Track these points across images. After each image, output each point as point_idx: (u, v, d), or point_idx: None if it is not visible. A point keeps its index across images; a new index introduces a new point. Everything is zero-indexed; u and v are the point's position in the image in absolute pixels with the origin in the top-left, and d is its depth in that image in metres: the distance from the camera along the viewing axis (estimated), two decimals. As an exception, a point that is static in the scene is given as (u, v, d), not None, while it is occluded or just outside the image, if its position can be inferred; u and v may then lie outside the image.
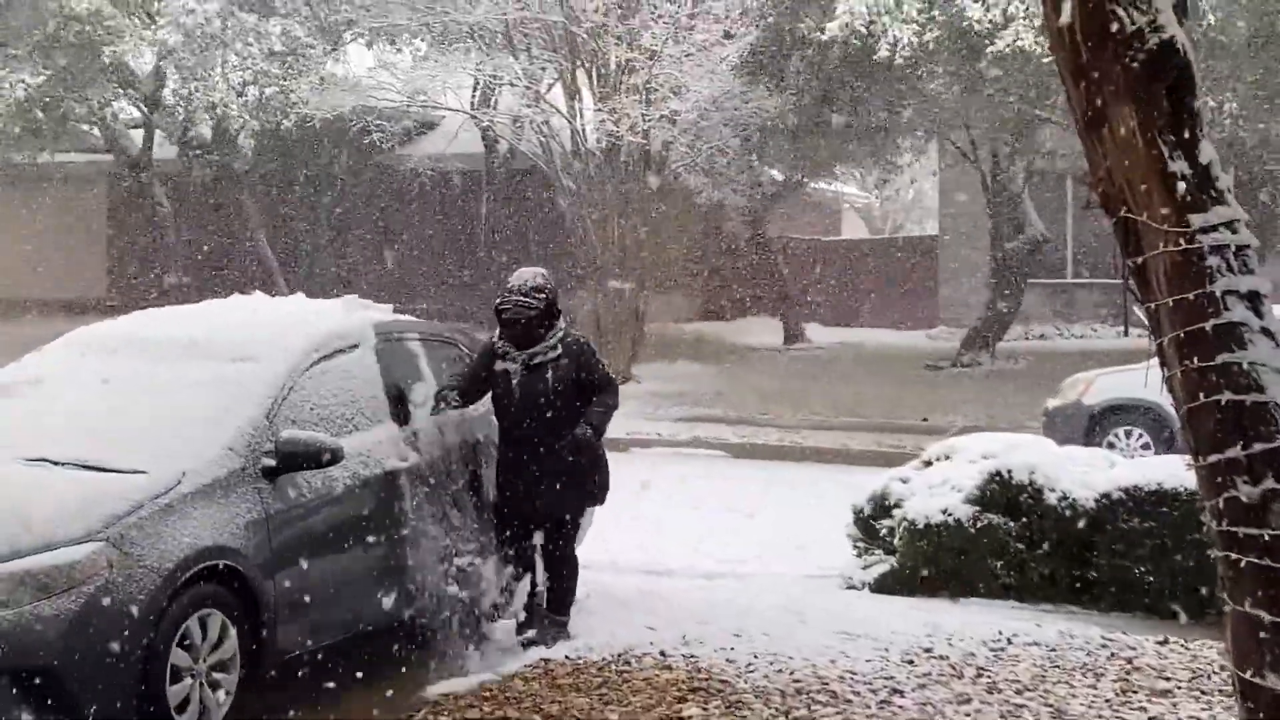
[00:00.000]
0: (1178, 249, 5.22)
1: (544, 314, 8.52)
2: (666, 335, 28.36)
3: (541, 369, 8.51)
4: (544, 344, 8.52)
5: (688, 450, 19.14)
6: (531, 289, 8.51)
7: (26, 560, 6.46)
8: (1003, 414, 20.56)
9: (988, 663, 8.26)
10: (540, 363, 8.51)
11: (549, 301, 8.55)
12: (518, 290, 8.51)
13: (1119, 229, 5.36)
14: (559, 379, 8.50)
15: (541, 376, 8.50)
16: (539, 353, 8.51)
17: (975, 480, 10.20)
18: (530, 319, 8.47)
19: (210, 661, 6.98)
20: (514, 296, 8.49)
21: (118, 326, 8.69)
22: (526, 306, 8.47)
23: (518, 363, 8.53)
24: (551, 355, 8.53)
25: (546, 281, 8.62)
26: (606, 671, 8.00)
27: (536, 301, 8.48)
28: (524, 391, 8.50)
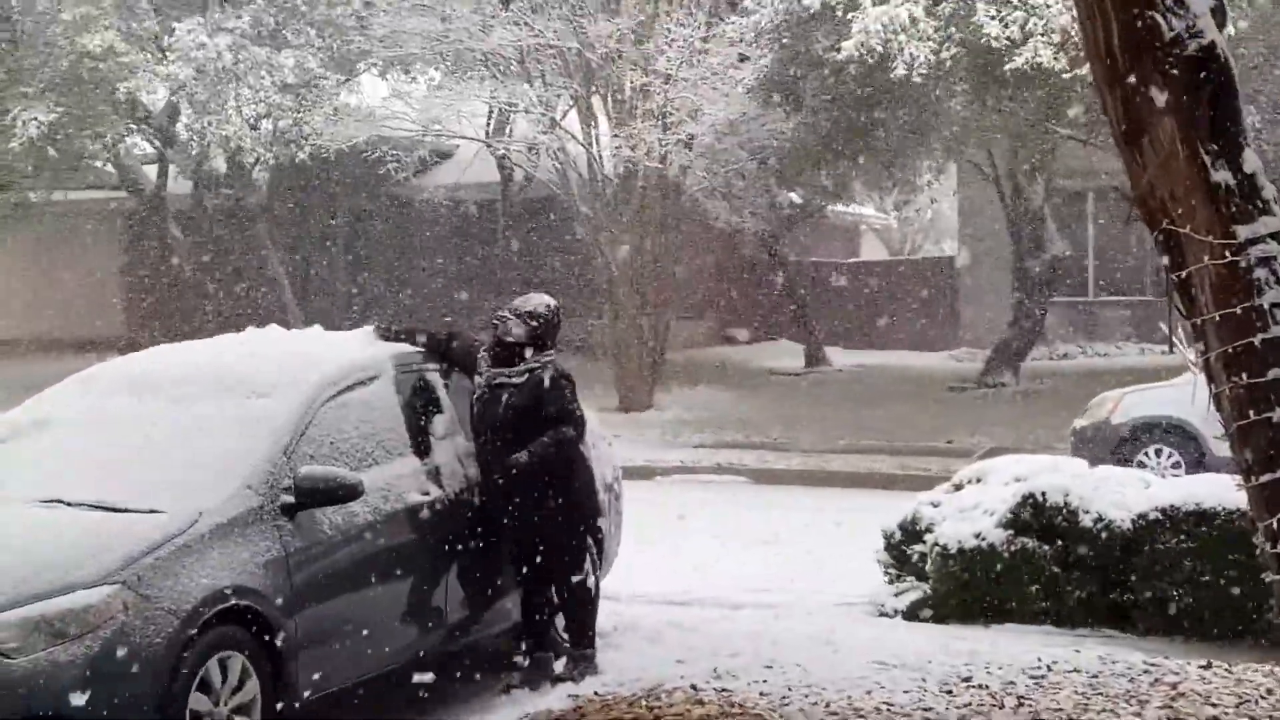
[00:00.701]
0: (1223, 261, 5.06)
1: (528, 341, 8.39)
2: (687, 361, 28.17)
3: (500, 391, 8.35)
4: (514, 369, 8.38)
5: (710, 477, 18.95)
6: (526, 313, 8.44)
7: (40, 605, 6.31)
8: (1029, 435, 20.34)
9: (1029, 691, 8.04)
10: (501, 384, 8.36)
11: (538, 331, 8.42)
12: (512, 310, 8.48)
13: (1161, 242, 5.19)
14: (512, 405, 8.30)
15: (498, 399, 8.33)
16: (502, 374, 8.38)
17: (1008, 503, 10.01)
18: (511, 341, 8.39)
19: (231, 705, 6.82)
20: (505, 313, 8.47)
21: (130, 364, 8.55)
22: (510, 327, 8.40)
23: (482, 379, 8.43)
24: (515, 380, 8.36)
25: (549, 312, 8.51)
26: (637, 707, 7.80)
27: (525, 326, 8.40)
28: (482, 411, 8.38)
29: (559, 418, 8.34)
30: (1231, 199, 5.03)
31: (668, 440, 22.21)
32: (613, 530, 9.90)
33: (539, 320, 8.43)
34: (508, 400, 8.29)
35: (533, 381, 8.33)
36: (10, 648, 6.19)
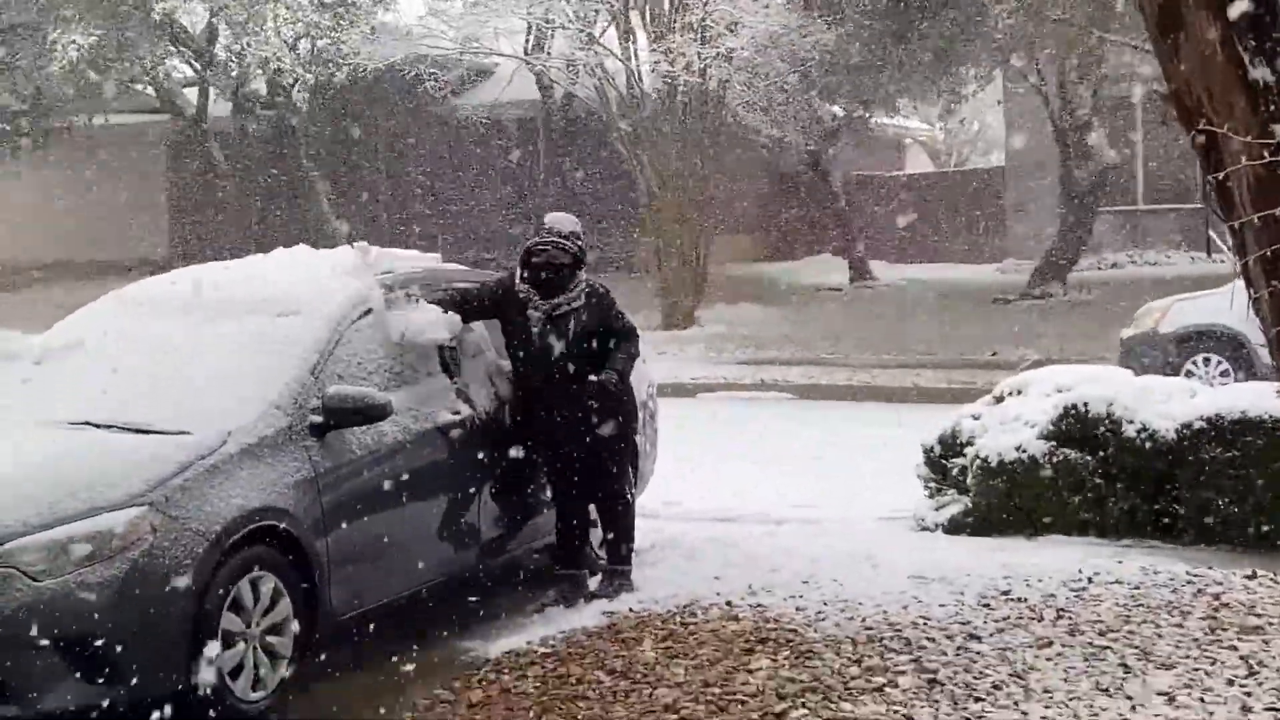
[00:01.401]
0: (1262, 162, 4.91)
1: (576, 261, 8.37)
2: (729, 277, 28.01)
3: (564, 319, 8.30)
4: (568, 294, 8.32)
5: (753, 394, 18.87)
6: (570, 233, 8.40)
7: (68, 527, 6.27)
8: (1076, 346, 20.14)
9: (1068, 604, 7.95)
10: (564, 312, 8.31)
11: (582, 248, 8.44)
12: (556, 232, 8.37)
13: (1198, 144, 5.03)
14: (582, 329, 8.31)
15: (564, 326, 8.29)
16: (563, 303, 8.31)
17: (1050, 414, 9.86)
18: (563, 264, 8.31)
19: (264, 626, 6.78)
20: (552, 239, 8.34)
21: (160, 285, 8.48)
22: (563, 250, 8.32)
23: (539, 312, 8.30)
24: (576, 305, 8.33)
25: (579, 229, 8.52)
26: (672, 624, 7.77)
27: (573, 246, 8.36)
28: (545, 341, 8.29)
29: (622, 332, 8.45)
30: (1270, 97, 4.86)
31: (711, 357, 22.13)
32: (648, 448, 9.84)
33: (580, 239, 8.44)
34: (576, 324, 8.27)
35: (592, 301, 8.35)
36: (39, 570, 6.17)
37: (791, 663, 7.04)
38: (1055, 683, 6.66)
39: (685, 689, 6.70)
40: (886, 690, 6.61)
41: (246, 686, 6.64)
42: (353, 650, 7.41)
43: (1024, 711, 6.29)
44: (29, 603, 6.10)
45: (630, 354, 8.44)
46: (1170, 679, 6.68)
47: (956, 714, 6.28)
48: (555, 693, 6.77)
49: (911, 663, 6.99)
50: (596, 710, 6.50)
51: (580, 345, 8.27)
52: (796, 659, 7.09)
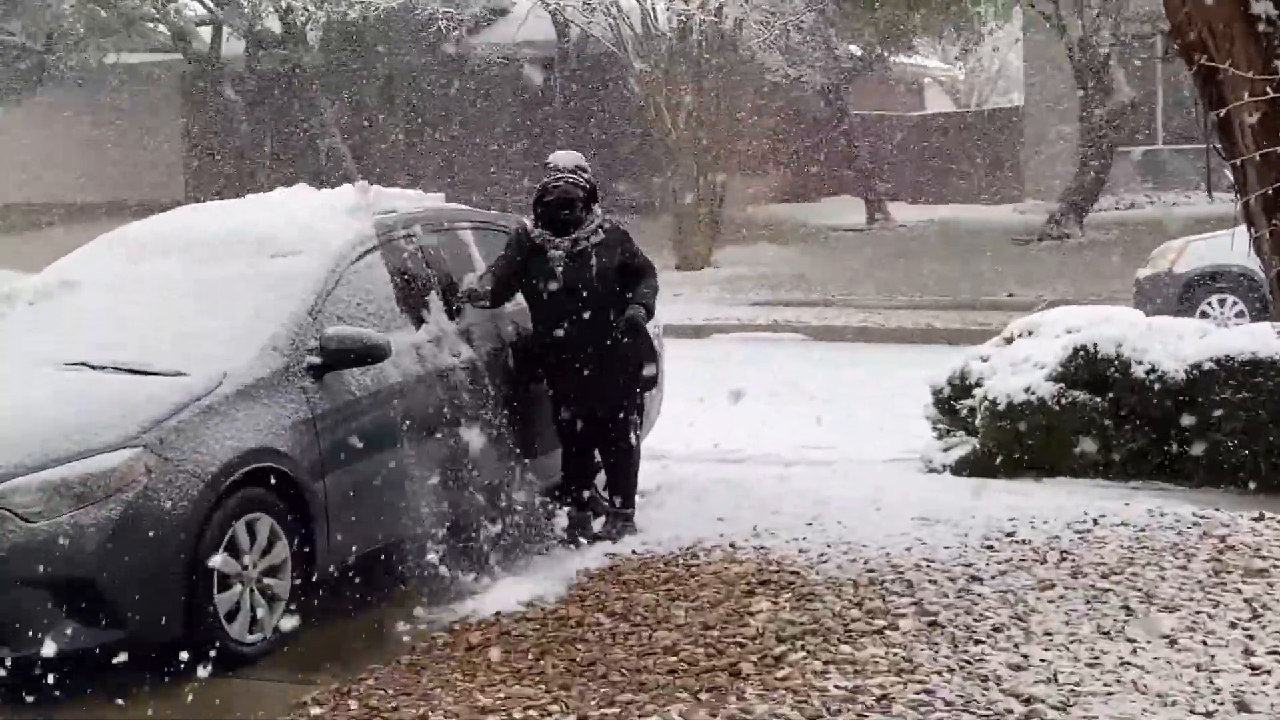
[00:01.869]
0: (1264, 99, 4.80)
1: (589, 195, 8.24)
2: (745, 218, 27.88)
3: (586, 255, 8.16)
4: (587, 228, 8.20)
5: (767, 334, 18.81)
6: (577, 167, 8.25)
7: (63, 468, 6.24)
8: (1093, 286, 20.02)
9: (1072, 546, 7.90)
10: (584, 249, 8.17)
11: (592, 183, 8.29)
12: (565, 169, 8.22)
13: (1199, 79, 4.94)
14: (604, 264, 8.18)
15: (586, 263, 8.15)
16: (583, 237, 8.18)
17: (1059, 356, 9.79)
18: (577, 199, 8.16)
19: (261, 568, 6.75)
20: (564, 174, 8.19)
21: (157, 225, 8.41)
22: (575, 185, 8.18)
23: (560, 250, 8.16)
24: (596, 240, 8.20)
25: (586, 163, 8.37)
26: (674, 566, 7.74)
27: (584, 180, 8.22)
28: (569, 280, 8.13)
29: (641, 267, 8.35)
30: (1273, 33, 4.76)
31: (725, 298, 22.06)
32: (654, 390, 9.76)
33: (588, 171, 8.32)
34: (598, 261, 8.16)
35: (610, 236, 8.26)
36: (33, 511, 6.14)
37: (792, 605, 7.00)
38: (1056, 625, 6.61)
39: (685, 631, 6.67)
40: (887, 633, 6.57)
41: (243, 629, 6.62)
42: (351, 593, 7.38)
43: (1024, 654, 6.25)
44: (22, 544, 6.08)
45: (654, 288, 8.35)
46: (1173, 621, 6.63)
47: (956, 656, 6.24)
48: (555, 635, 6.74)
49: (913, 605, 6.95)
50: (596, 652, 6.47)
51: (604, 281, 8.17)
52: (797, 601, 7.05)
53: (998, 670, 6.05)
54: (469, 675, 6.24)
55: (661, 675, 6.12)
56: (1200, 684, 5.84)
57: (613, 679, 6.11)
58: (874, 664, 6.16)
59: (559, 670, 6.25)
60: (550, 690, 5.99)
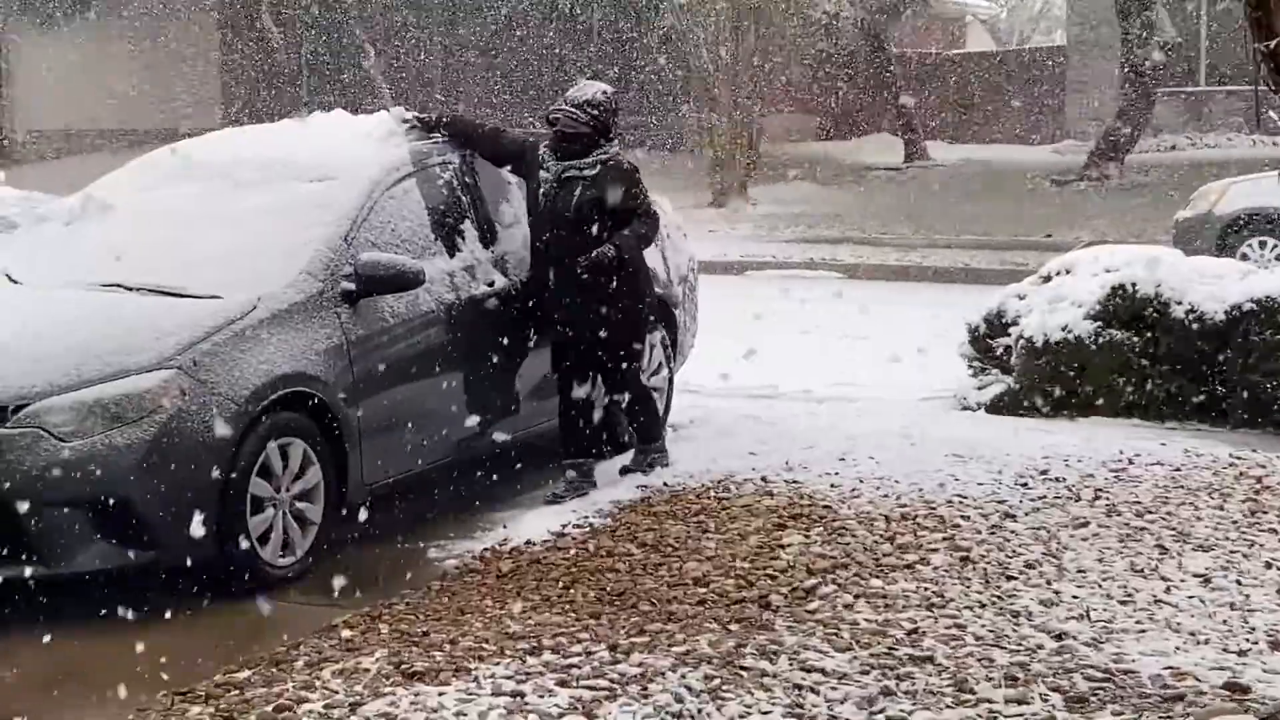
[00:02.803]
0: (1315, 31, 4.71)
1: (593, 132, 7.89)
2: (782, 155, 27.73)
3: (571, 184, 7.85)
4: (581, 160, 7.87)
5: (803, 272, 18.71)
6: (584, 102, 7.90)
7: (97, 389, 6.26)
8: (1132, 228, 19.87)
9: (1107, 484, 7.85)
10: (571, 178, 7.86)
11: (600, 120, 7.91)
12: (570, 101, 7.93)
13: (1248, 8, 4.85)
14: (588, 197, 7.81)
15: (569, 192, 7.84)
16: (572, 167, 7.87)
17: (1097, 295, 9.71)
18: (578, 134, 7.87)
19: (293, 492, 6.77)
20: (565, 107, 7.89)
21: (193, 149, 8.38)
22: (574, 120, 7.86)
23: (550, 174, 7.91)
24: (587, 172, 7.86)
25: (607, 99, 7.98)
26: (705, 498, 7.71)
27: (586, 117, 7.87)
28: (550, 206, 7.88)
29: (635, 210, 7.94)
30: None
31: (760, 235, 21.95)
32: (687, 323, 9.76)
33: (598, 108, 7.91)
34: (581, 193, 7.83)
35: (606, 172, 7.88)
36: (66, 431, 6.17)
37: (823, 539, 6.98)
38: (1089, 563, 6.57)
39: (715, 563, 6.65)
40: (918, 567, 6.54)
41: (275, 551, 6.65)
42: (382, 519, 7.39)
43: (1056, 590, 6.21)
44: (56, 463, 6.11)
45: (638, 233, 7.92)
46: (1207, 560, 6.59)
47: (988, 592, 6.21)
48: (585, 564, 6.73)
49: (945, 540, 6.91)
50: (625, 582, 6.46)
51: (582, 213, 7.81)
52: (829, 535, 7.03)
53: (1029, 606, 6.02)
54: (499, 602, 6.24)
55: (691, 606, 6.10)
56: (1234, 623, 5.80)
57: (642, 609, 6.10)
58: (905, 598, 6.14)
59: (589, 599, 6.24)
60: (580, 619, 5.99)
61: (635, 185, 7.96)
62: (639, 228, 7.94)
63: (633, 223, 7.91)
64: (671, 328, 9.45)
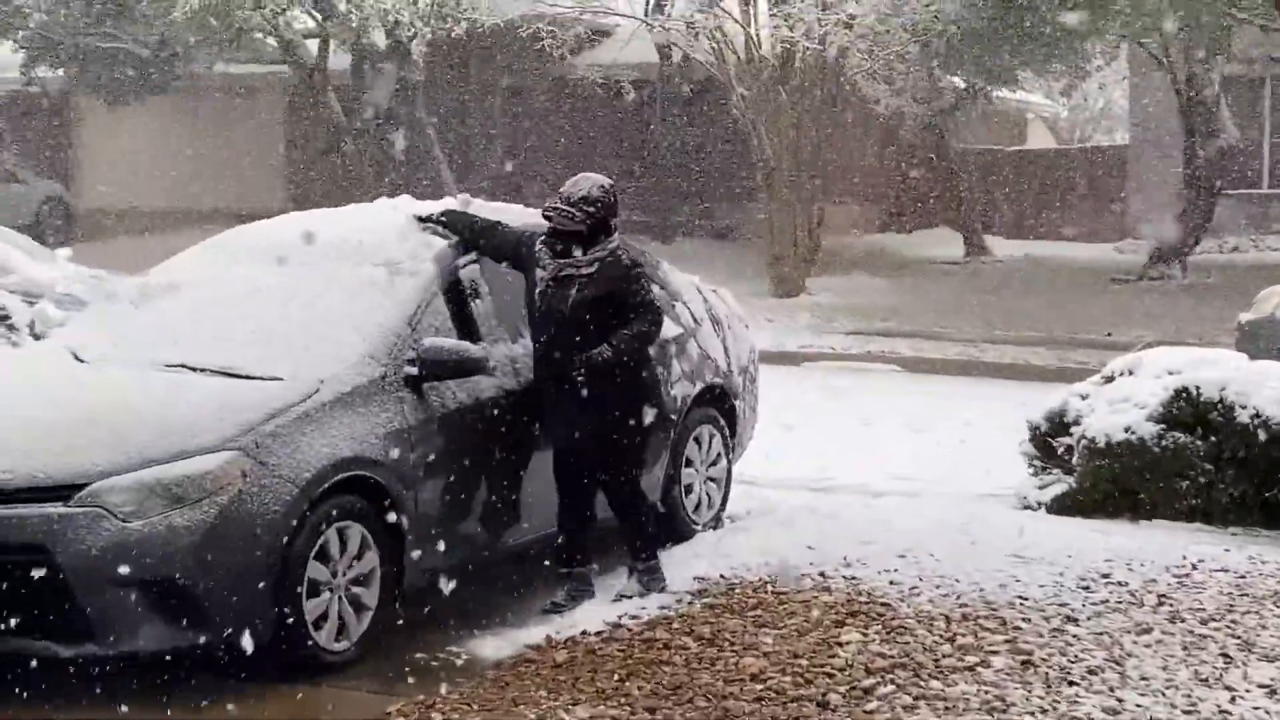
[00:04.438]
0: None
1: (591, 230, 7.41)
2: (842, 247, 27.76)
3: (568, 283, 7.42)
4: (579, 258, 7.42)
5: (861, 365, 18.66)
6: (580, 199, 7.39)
7: (159, 469, 6.29)
8: (1193, 329, 19.74)
9: (1170, 590, 7.75)
10: (568, 276, 7.42)
11: (597, 217, 7.41)
12: (565, 199, 7.42)
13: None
14: (585, 296, 7.38)
15: (566, 291, 7.41)
16: (569, 265, 7.42)
17: (1160, 396, 9.62)
18: (570, 232, 7.40)
19: (349, 576, 6.76)
20: (560, 205, 7.41)
21: (259, 231, 8.46)
22: (569, 218, 7.39)
23: (546, 271, 7.47)
24: (584, 270, 7.42)
25: (604, 194, 7.47)
26: (762, 592, 7.66)
27: (582, 215, 7.37)
28: (547, 306, 7.46)
29: (636, 308, 7.50)
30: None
31: (819, 326, 21.93)
32: (747, 414, 9.74)
33: (595, 204, 7.42)
34: (578, 292, 7.39)
35: (605, 270, 7.44)
36: (128, 511, 6.19)
37: (882, 638, 6.91)
38: (1153, 670, 6.48)
39: (773, 659, 6.59)
40: (979, 670, 6.46)
41: (330, 636, 6.64)
42: (439, 605, 7.36)
43: (1119, 698, 6.12)
44: (117, 543, 6.13)
45: (638, 332, 7.46)
46: (1273, 671, 6.48)
47: (1049, 697, 6.13)
48: (641, 656, 6.69)
49: (1006, 643, 6.83)
50: (682, 676, 6.41)
51: (579, 313, 7.37)
52: (888, 634, 6.96)
53: (1092, 714, 5.94)
54: (554, 693, 6.20)
55: (747, 702, 6.05)
56: (1301, 736, 5.71)
57: (698, 704, 6.05)
58: (965, 701, 6.06)
59: (644, 692, 6.20)
60: (635, 712, 5.94)
61: (635, 281, 7.54)
62: (639, 325, 7.49)
63: (633, 320, 7.49)
64: (731, 418, 9.44)
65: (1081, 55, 27.65)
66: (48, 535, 6.14)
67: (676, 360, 8.88)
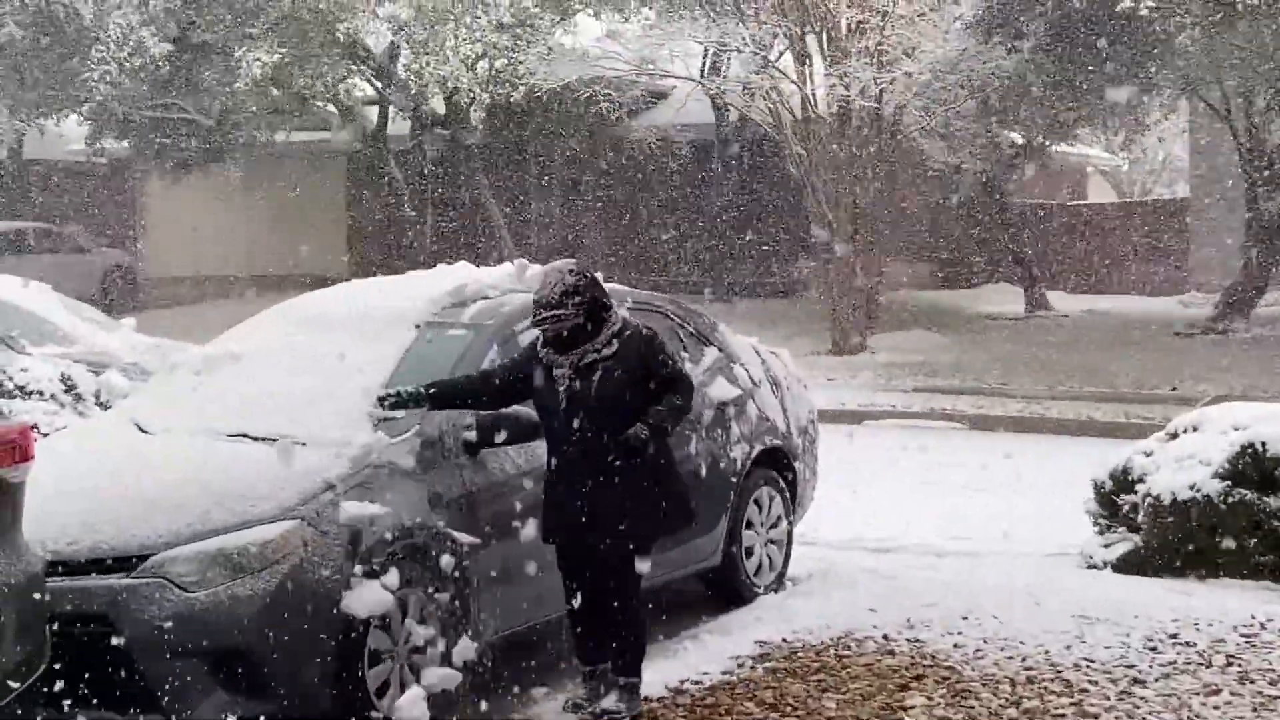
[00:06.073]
0: None
1: (590, 316, 6.91)
2: (902, 303, 27.69)
3: (592, 370, 6.90)
4: (597, 341, 6.92)
5: (923, 422, 18.56)
6: (562, 295, 6.86)
7: (220, 539, 6.32)
8: (1260, 382, 19.54)
9: (1239, 650, 7.65)
10: (592, 362, 6.90)
11: (588, 301, 6.91)
12: (546, 303, 6.89)
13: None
14: (613, 380, 6.86)
15: (589, 379, 6.88)
16: (589, 350, 6.90)
17: (1225, 453, 9.53)
18: (573, 330, 6.90)
19: (411, 644, 6.76)
20: (544, 312, 6.89)
21: (320, 299, 8.53)
22: (560, 320, 6.87)
23: (565, 368, 6.92)
24: (605, 351, 6.91)
25: (579, 278, 6.93)
26: (825, 656, 7.62)
27: (572, 310, 6.86)
28: (571, 399, 6.89)
29: (668, 380, 6.98)
30: None
31: (880, 384, 21.83)
32: (807, 475, 9.72)
33: (579, 292, 6.89)
34: (605, 375, 6.88)
35: (627, 346, 6.95)
36: (190, 581, 6.22)
37: (947, 701, 6.86)
38: (1222, 733, 6.40)
39: (836, 724, 6.55)
40: (1044, 734, 6.40)
41: (392, 705, 6.62)
42: (499, 672, 7.35)
43: (1188, 762, 6.04)
44: (179, 614, 6.15)
45: (675, 406, 6.94)
46: (1345, 734, 6.39)
47: (1117, 762, 6.06)
48: (703, 722, 6.66)
49: (1072, 706, 6.77)
50: (744, 742, 6.38)
51: (607, 399, 6.86)
52: (952, 698, 6.91)
53: (1161, 778, 5.86)
54: (616, 761, 6.17)
55: (812, 768, 6.01)
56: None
57: (762, 770, 6.01)
58: (1031, 766, 6.00)
59: (707, 759, 6.16)
60: (698, 779, 5.91)
61: (660, 351, 7.06)
62: (674, 399, 6.96)
63: (668, 393, 6.96)
64: (791, 480, 9.42)
65: (1140, 109, 27.55)
66: (111, 606, 6.18)
67: (735, 422, 8.90)
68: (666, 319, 8.98)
